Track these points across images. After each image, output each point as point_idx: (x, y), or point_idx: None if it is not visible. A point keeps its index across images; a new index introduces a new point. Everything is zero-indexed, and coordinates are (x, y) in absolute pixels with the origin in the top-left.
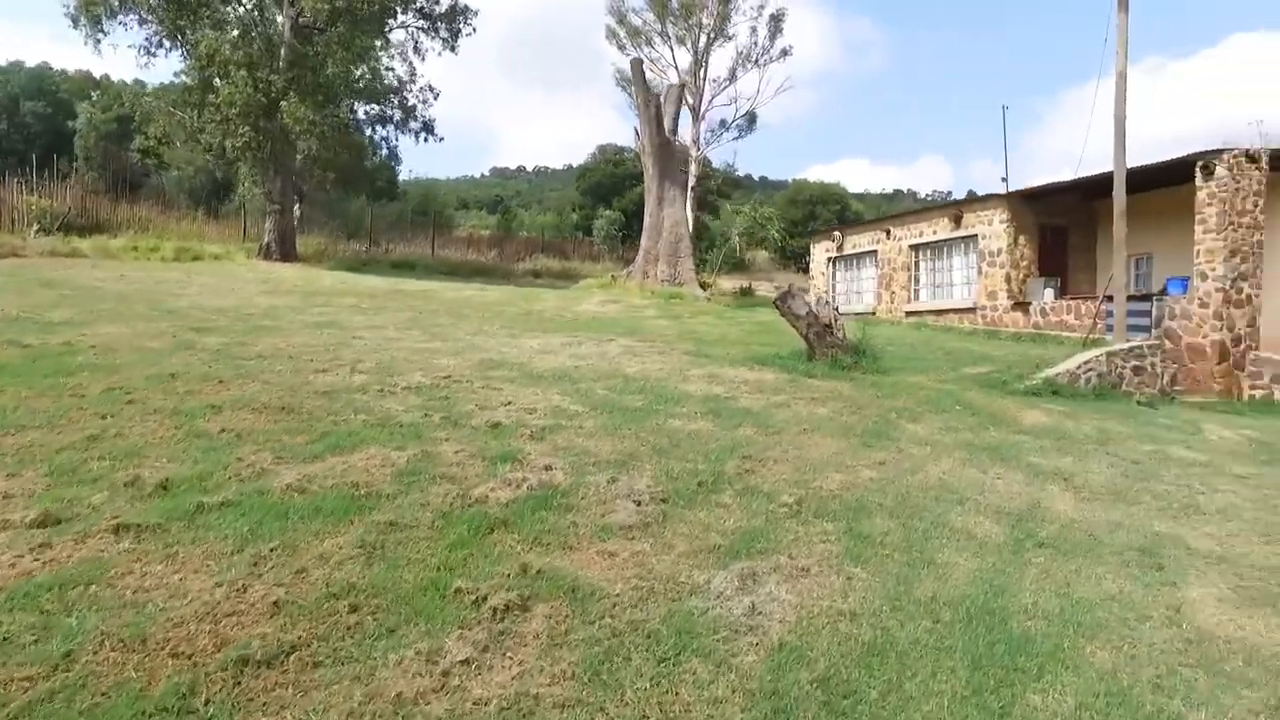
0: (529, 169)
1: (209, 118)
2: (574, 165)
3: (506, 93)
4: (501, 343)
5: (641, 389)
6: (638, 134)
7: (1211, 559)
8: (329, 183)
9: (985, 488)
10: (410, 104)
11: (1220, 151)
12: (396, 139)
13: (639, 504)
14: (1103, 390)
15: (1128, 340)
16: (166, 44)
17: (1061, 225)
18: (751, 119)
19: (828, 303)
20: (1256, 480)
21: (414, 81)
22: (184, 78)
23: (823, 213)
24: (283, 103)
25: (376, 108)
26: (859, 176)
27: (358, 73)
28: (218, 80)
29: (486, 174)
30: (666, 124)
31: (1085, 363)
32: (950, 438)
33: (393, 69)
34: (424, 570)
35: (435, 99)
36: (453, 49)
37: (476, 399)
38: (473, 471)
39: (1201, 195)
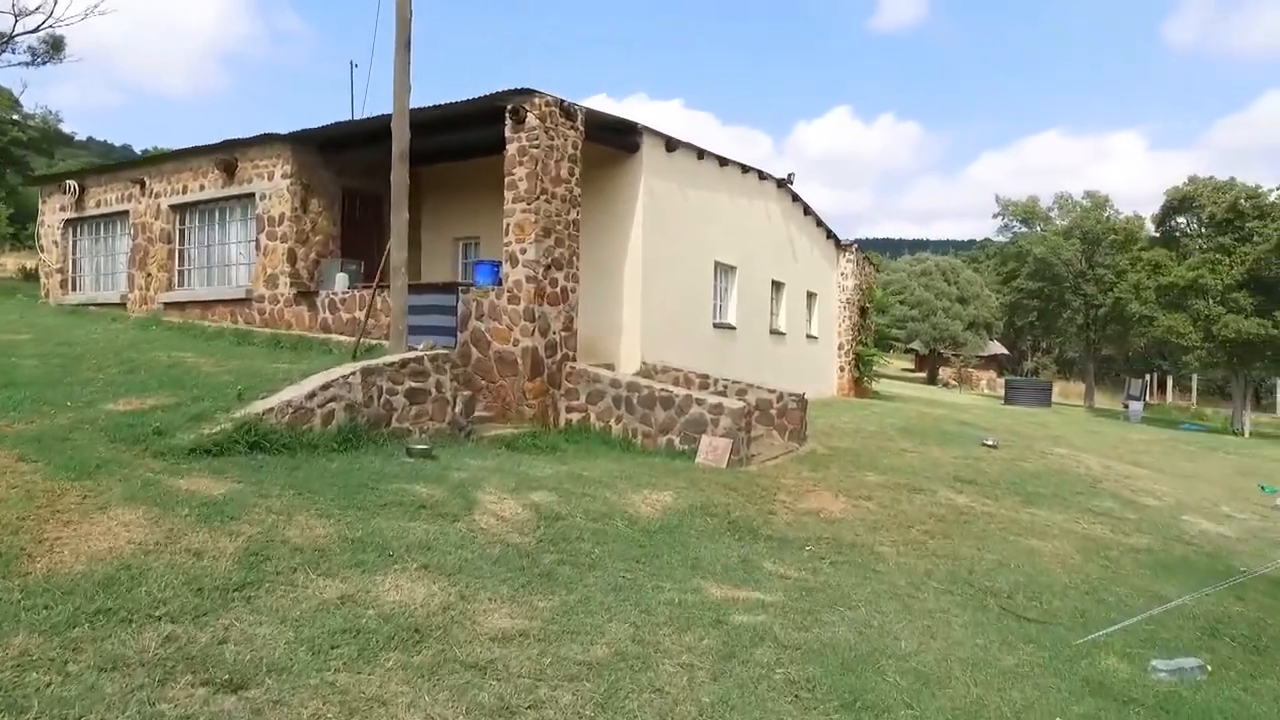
0: None
1: None
2: None
3: None
4: None
5: None
6: None
7: None
8: None
9: None
10: None
11: (532, 93)
12: None
13: None
14: (355, 431)
15: (411, 348)
16: None
17: (377, 194)
18: (56, 45)
19: None
20: (496, 677)
21: None
22: None
23: None
24: None
25: None
26: None
27: None
28: None
29: None
30: None
31: (325, 387)
32: None
33: None
34: None
35: None
36: None
37: None
38: None
39: (512, 150)
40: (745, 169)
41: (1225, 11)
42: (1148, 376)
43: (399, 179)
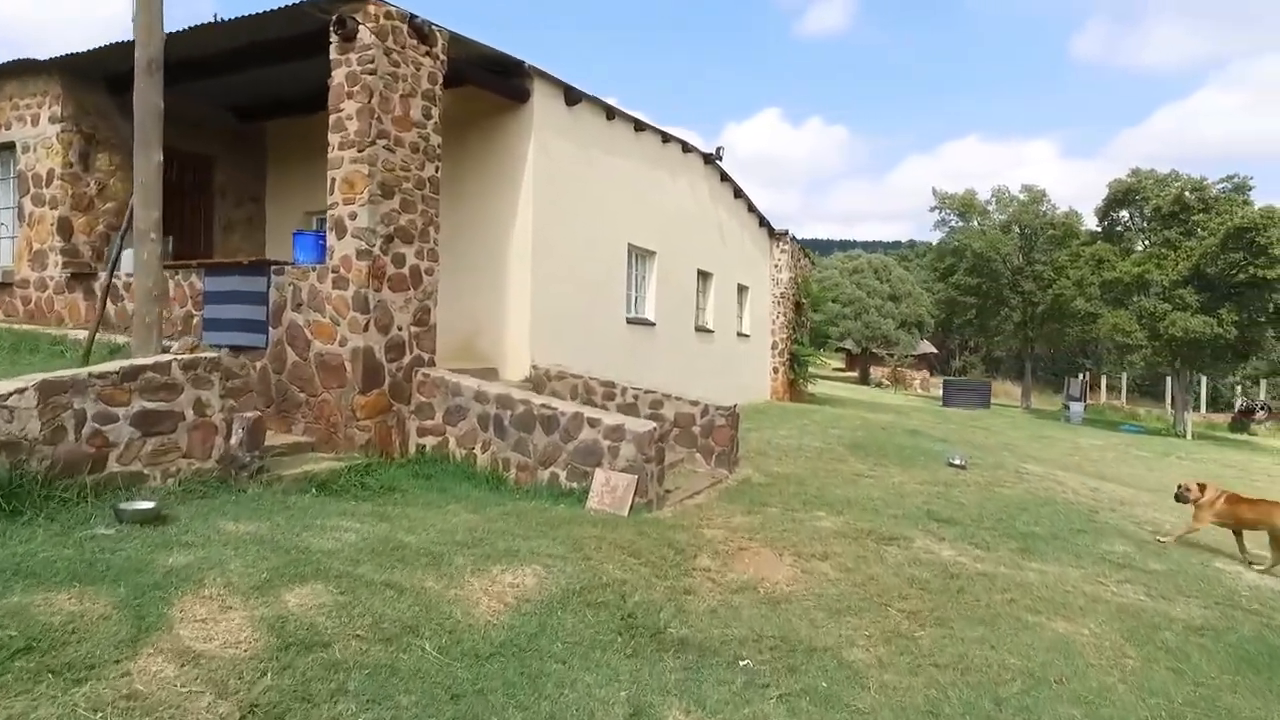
0: None
1: None
2: None
3: None
4: None
5: None
6: None
7: None
8: None
9: None
10: None
11: (365, 1)
12: None
13: None
14: (21, 487)
15: (165, 349)
16: None
17: (207, 154)
18: None
19: None
20: None
21: None
22: None
23: None
24: None
25: None
26: None
27: None
28: None
29: None
30: None
31: None
32: None
33: None
34: None
35: None
36: None
37: None
38: None
39: (338, 77)
40: (666, 137)
41: (1126, 27)
42: (1082, 376)
43: (146, 101)
